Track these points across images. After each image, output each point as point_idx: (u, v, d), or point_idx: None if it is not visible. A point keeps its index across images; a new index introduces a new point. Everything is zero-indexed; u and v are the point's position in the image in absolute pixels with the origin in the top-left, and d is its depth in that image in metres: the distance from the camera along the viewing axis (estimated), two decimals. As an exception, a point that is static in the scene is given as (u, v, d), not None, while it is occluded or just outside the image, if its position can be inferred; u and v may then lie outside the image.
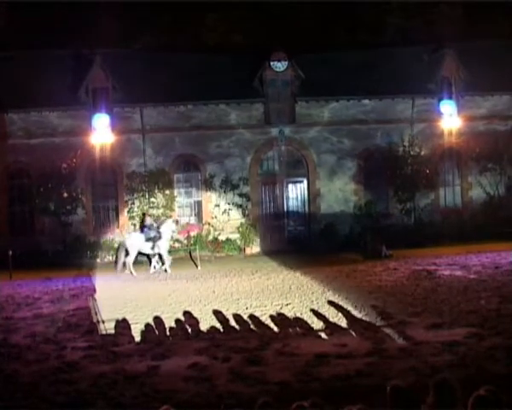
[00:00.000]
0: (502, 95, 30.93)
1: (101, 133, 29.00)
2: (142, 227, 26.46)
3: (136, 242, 25.12)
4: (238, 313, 16.39)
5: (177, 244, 28.85)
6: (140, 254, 25.92)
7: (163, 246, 25.24)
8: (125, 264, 25.16)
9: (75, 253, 27.89)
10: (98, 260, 28.34)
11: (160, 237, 25.13)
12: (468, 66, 30.04)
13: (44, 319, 16.72)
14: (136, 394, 10.36)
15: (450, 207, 31.46)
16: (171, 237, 26.34)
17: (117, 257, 25.85)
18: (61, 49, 30.36)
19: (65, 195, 29.03)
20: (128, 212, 29.78)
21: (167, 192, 29.74)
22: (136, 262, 25.57)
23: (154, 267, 25.75)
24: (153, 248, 25.18)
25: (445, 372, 8.01)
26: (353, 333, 13.80)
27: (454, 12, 35.10)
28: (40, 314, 17.50)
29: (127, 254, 24.96)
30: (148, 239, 25.12)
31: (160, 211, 29.52)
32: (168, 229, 25.57)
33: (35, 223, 29.82)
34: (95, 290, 21.19)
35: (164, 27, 35.31)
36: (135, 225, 29.09)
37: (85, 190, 29.78)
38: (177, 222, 26.64)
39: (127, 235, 26.52)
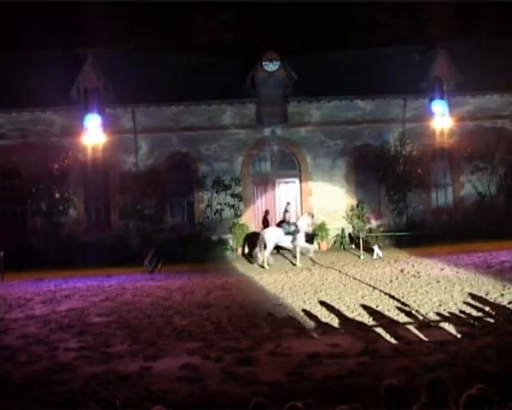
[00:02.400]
0: (493, 94, 30.97)
1: (93, 133, 28.90)
2: (264, 222, 28.34)
3: (274, 236, 25.69)
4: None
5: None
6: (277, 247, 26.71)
7: (301, 239, 25.75)
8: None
9: (67, 253, 27.77)
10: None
11: (298, 231, 25.68)
12: (459, 65, 30.09)
13: (36, 320, 16.70)
14: (128, 394, 10.35)
15: (441, 207, 31.53)
16: (307, 230, 27.01)
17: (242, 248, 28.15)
18: (52, 48, 30.27)
19: (57, 195, 28.97)
20: (120, 212, 29.74)
21: (159, 192, 29.65)
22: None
23: (147, 265, 25.84)
24: (292, 241, 25.71)
25: (438, 371, 8.02)
26: (345, 333, 13.82)
27: (445, 12, 35.14)
28: (32, 315, 17.48)
29: (265, 247, 25.46)
30: (287, 233, 25.74)
31: (152, 211, 29.47)
32: (304, 223, 26.23)
33: (27, 224, 29.74)
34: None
35: (156, 27, 35.27)
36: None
37: (77, 190, 29.69)
38: (312, 216, 27.06)
39: (266, 229, 26.79)
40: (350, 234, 29.73)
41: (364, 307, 16.40)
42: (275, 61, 30.24)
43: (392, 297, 17.42)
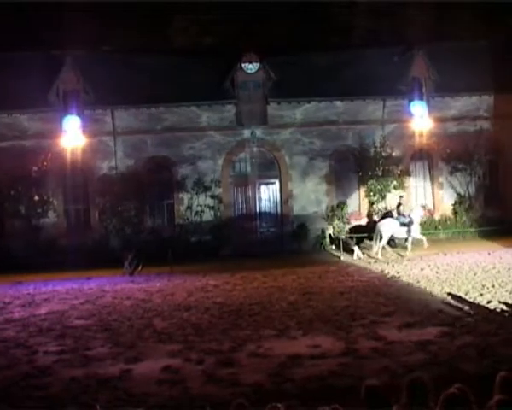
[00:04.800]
0: (471, 96, 31.22)
1: (72, 136, 28.79)
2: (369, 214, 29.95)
3: (390, 227, 26.42)
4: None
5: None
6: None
7: (415, 230, 26.52)
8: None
9: (46, 256, 27.61)
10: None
11: (412, 222, 26.30)
12: (438, 67, 30.30)
13: (15, 324, 16.58)
14: (109, 398, 10.29)
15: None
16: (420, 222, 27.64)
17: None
18: (31, 50, 30.06)
19: (36, 198, 28.81)
20: (100, 214, 29.62)
21: (139, 194, 29.54)
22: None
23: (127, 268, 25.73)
24: (408, 232, 26.34)
25: (418, 371, 8.06)
26: (326, 334, 13.84)
27: (423, 13, 35.33)
28: (11, 319, 17.35)
29: (381, 238, 26.29)
30: (402, 224, 26.40)
31: (132, 213, 29.39)
32: (417, 214, 27.10)
33: (5, 226, 29.50)
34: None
35: (135, 29, 35.11)
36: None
37: (56, 193, 29.54)
38: (424, 208, 28.41)
39: (382, 221, 27.17)
40: (330, 235, 29.79)
41: (345, 307, 16.47)
42: (254, 63, 30.29)
43: (372, 297, 17.51)
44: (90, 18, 33.55)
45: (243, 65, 30.28)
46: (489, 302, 15.86)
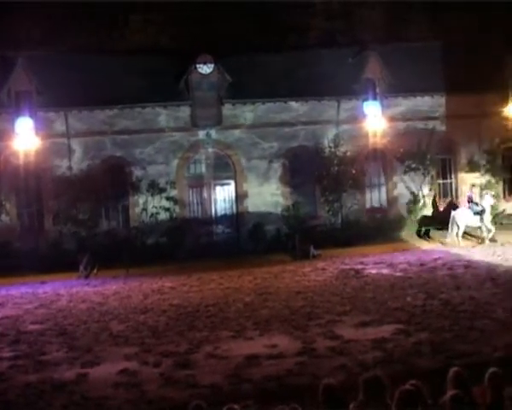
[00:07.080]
0: (424, 96, 31.62)
1: (25, 137, 28.36)
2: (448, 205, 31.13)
3: (465, 216, 27.31)
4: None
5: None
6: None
7: (487, 219, 27.44)
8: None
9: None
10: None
11: (484, 211, 27.26)
12: (391, 67, 30.63)
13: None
14: (65, 402, 10.20)
15: (376, 207, 32.00)
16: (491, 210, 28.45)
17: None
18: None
19: (-13, 201, 28.35)
20: (54, 217, 29.26)
21: (94, 197, 29.23)
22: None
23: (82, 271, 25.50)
24: (481, 221, 27.27)
25: (374, 369, 8.15)
26: (283, 333, 13.89)
27: (377, 14, 35.70)
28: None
29: (458, 227, 27.17)
30: (475, 213, 27.28)
31: (87, 216, 29.08)
32: (488, 203, 27.87)
33: (-44, 231, 28.97)
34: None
35: (89, 30, 34.78)
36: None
37: (9, 195, 29.09)
38: (493, 196, 29.02)
39: (457, 211, 27.93)
40: (286, 235, 29.83)
41: (301, 306, 16.55)
42: (209, 64, 30.24)
43: (328, 296, 17.63)
44: (43, 18, 33.16)
45: (198, 66, 30.20)
46: (441, 299, 16.17)
